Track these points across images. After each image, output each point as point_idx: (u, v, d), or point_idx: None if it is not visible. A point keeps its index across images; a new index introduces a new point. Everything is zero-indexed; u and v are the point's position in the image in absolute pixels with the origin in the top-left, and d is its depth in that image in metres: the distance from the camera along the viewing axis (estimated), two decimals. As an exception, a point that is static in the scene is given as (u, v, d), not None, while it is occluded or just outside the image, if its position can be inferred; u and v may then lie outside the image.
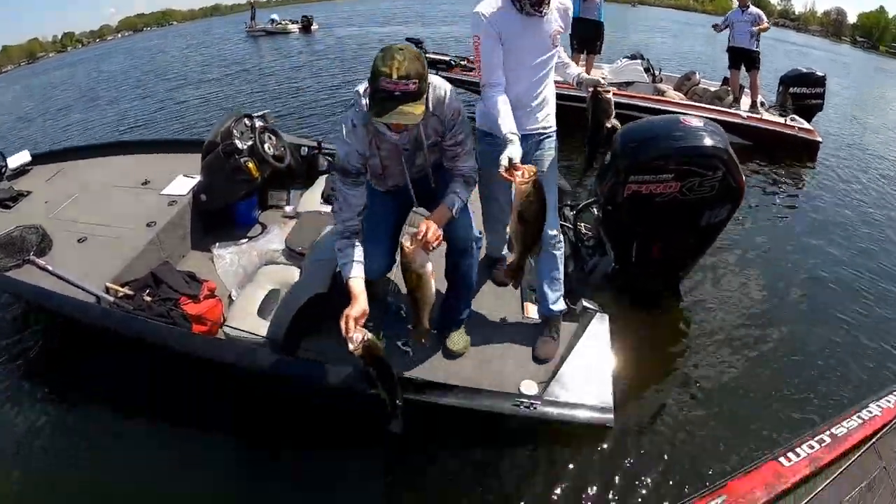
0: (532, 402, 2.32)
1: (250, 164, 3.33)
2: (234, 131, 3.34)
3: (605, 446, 2.56)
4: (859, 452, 1.87)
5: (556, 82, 2.45)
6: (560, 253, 2.62)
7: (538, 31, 2.20)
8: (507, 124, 2.05)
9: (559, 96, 2.49)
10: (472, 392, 2.36)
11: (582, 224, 3.61)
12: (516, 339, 2.67)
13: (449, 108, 2.00)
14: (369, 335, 1.87)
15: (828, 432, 1.98)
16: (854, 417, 2.04)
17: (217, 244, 3.40)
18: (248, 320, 2.71)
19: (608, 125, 2.56)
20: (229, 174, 3.31)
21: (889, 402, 2.12)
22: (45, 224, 3.20)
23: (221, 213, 3.58)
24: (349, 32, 18.98)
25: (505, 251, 3.10)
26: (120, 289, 2.79)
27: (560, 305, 2.66)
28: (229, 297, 3.10)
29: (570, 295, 2.91)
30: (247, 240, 3.49)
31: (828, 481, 1.77)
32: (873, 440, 1.91)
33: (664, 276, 3.34)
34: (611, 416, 2.34)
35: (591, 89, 2.49)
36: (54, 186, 3.80)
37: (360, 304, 1.94)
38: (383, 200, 2.32)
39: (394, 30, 18.88)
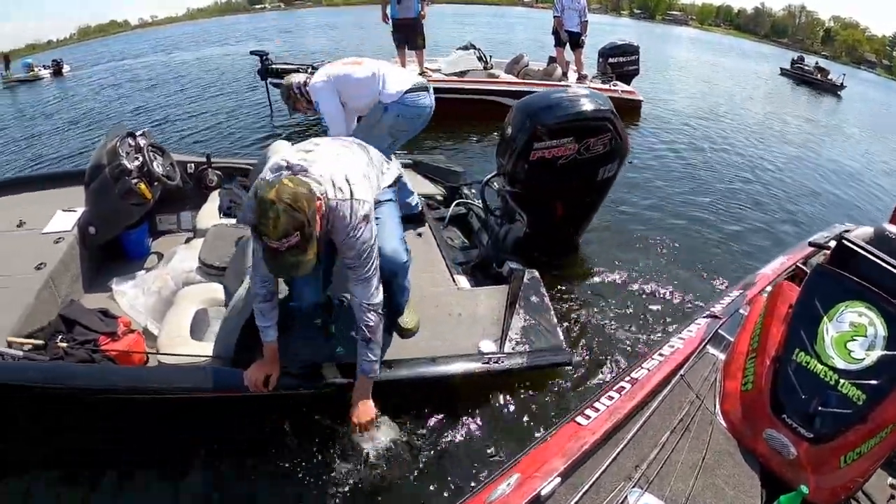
0: (497, 356, 2.51)
1: (142, 186, 3.07)
2: (121, 151, 3.05)
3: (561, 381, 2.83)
4: (667, 389, 1.79)
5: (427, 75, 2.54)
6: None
7: None
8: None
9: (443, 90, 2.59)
10: (441, 360, 2.49)
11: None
12: (458, 307, 2.79)
13: (339, 231, 1.96)
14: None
15: (627, 378, 1.90)
16: (655, 357, 2.01)
17: (115, 279, 3.07)
18: (181, 346, 2.54)
19: None
20: (120, 199, 3.02)
21: (691, 332, 2.15)
22: None
23: (112, 246, 3.27)
24: (101, 69, 17.88)
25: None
26: (25, 341, 2.46)
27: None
28: (143, 331, 2.85)
29: (495, 261, 3.14)
30: (144, 271, 3.20)
31: (637, 428, 1.64)
32: (680, 372, 1.87)
33: (567, 232, 3.70)
34: (568, 354, 2.64)
35: None
36: None
37: (277, 367, 2.27)
38: None
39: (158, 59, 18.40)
